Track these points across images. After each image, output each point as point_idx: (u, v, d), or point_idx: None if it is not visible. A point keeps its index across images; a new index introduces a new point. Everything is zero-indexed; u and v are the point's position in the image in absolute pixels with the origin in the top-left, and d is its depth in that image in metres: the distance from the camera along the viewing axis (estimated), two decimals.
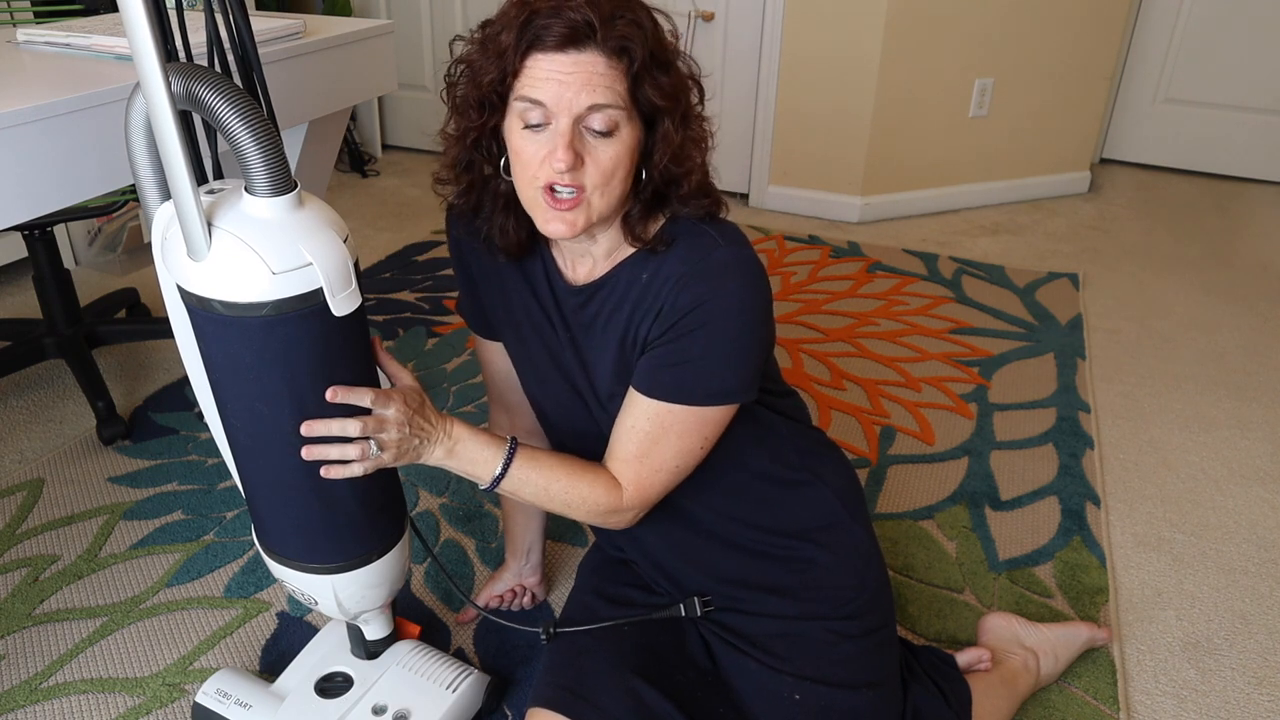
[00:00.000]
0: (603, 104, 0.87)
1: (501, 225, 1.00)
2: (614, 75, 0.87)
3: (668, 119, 0.91)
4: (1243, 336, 2.32)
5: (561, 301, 1.04)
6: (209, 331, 0.88)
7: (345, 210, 3.11)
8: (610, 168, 0.90)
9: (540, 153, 0.89)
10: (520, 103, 0.88)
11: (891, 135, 2.94)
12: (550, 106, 0.86)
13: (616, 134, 0.89)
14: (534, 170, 0.90)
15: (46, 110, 1.04)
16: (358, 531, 1.02)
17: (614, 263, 1.00)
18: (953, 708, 1.15)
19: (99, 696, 1.28)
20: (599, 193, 0.91)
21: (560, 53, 0.86)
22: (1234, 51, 3.28)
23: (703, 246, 0.95)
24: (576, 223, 0.91)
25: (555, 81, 0.86)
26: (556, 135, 0.87)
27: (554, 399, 1.11)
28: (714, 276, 0.94)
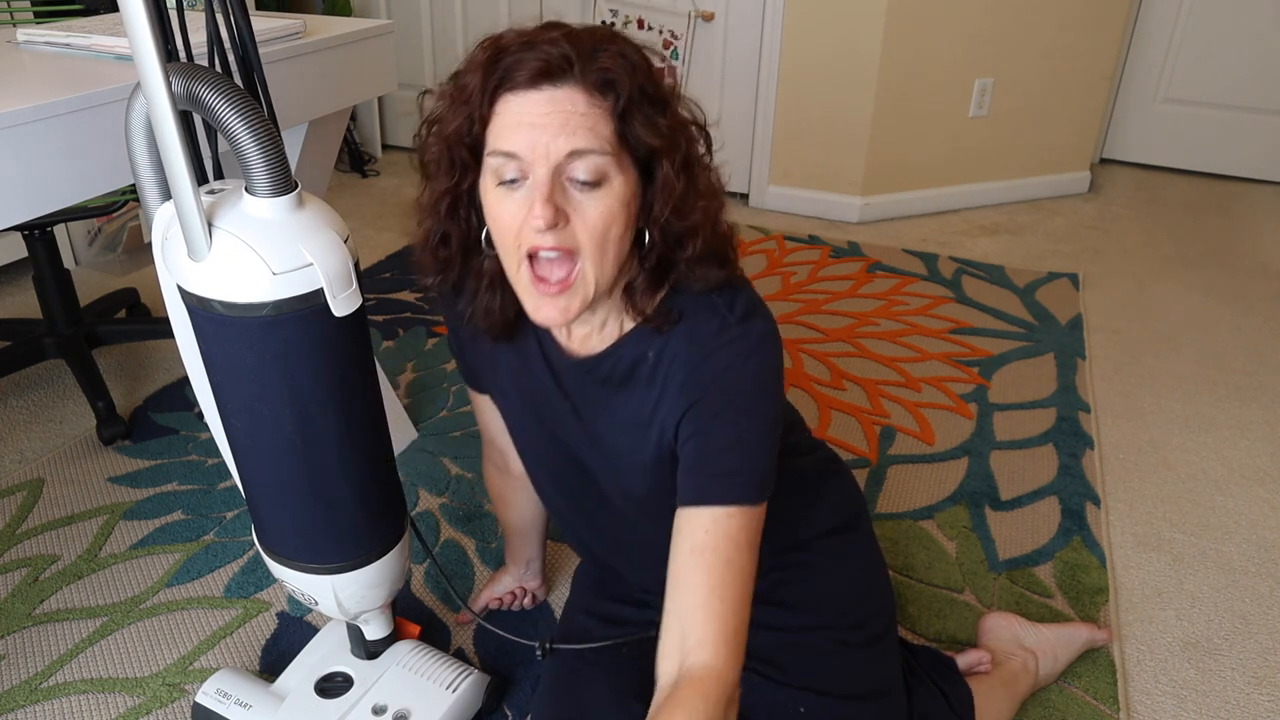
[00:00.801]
0: (584, 149, 0.74)
1: (487, 306, 0.90)
2: (597, 114, 0.75)
3: (666, 162, 0.78)
4: (1243, 337, 2.32)
5: (561, 374, 0.96)
6: (209, 332, 0.88)
7: (345, 210, 3.11)
8: (602, 225, 0.77)
9: (519, 213, 0.77)
10: (493, 158, 0.77)
11: (891, 135, 2.94)
12: (525, 156, 0.75)
13: (606, 184, 0.76)
14: (513, 236, 0.78)
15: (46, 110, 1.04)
16: (358, 532, 1.02)
17: (614, 335, 0.90)
18: (956, 711, 1.14)
19: (99, 696, 1.28)
20: (592, 261, 0.78)
21: (533, 90, 0.74)
22: (1234, 51, 3.28)
23: (711, 324, 0.85)
24: (570, 308, 0.80)
25: (527, 126, 0.74)
26: (534, 189, 0.75)
27: (548, 468, 1.08)
28: (721, 360, 0.84)
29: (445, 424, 1.90)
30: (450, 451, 1.81)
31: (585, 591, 1.22)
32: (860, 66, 2.84)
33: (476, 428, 1.87)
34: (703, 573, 0.81)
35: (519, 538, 1.36)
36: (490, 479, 1.31)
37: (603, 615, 1.15)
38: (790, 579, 1.08)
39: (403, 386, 2.04)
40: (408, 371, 2.10)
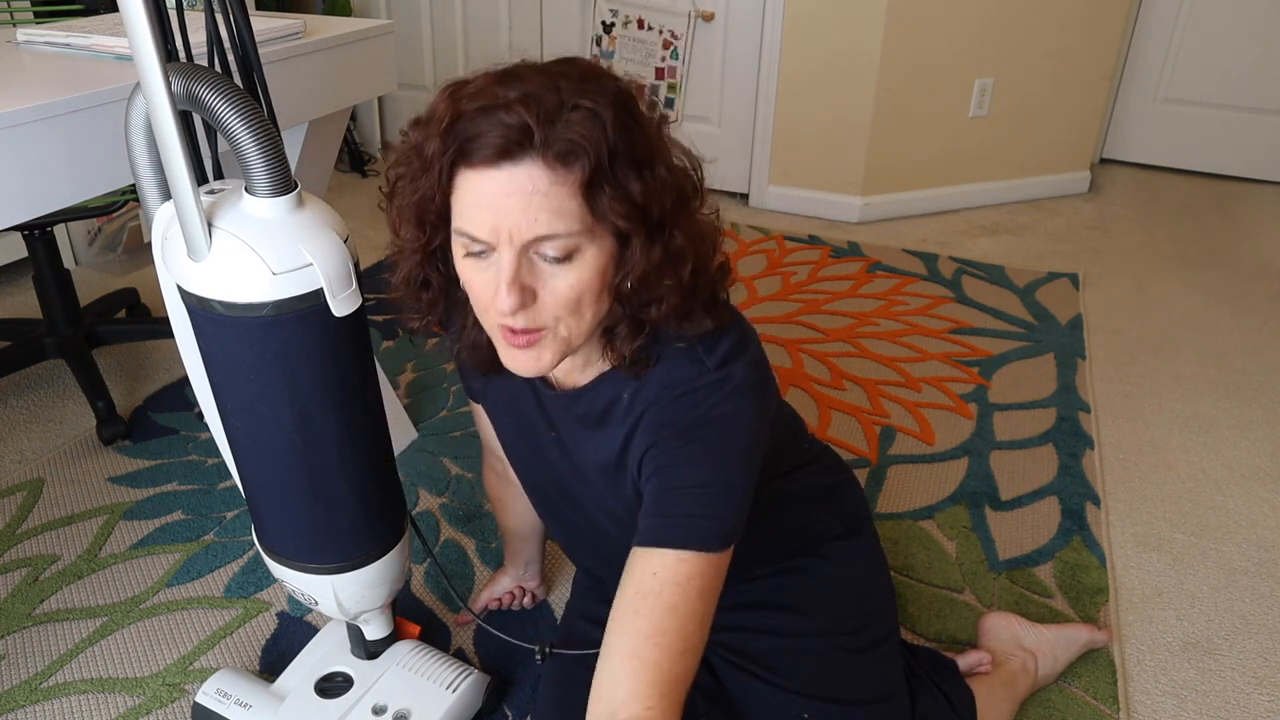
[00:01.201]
0: (548, 234, 0.70)
1: (474, 340, 0.88)
2: (562, 192, 0.70)
3: (635, 239, 0.74)
4: (1243, 336, 2.32)
5: (546, 403, 0.96)
6: (209, 332, 0.88)
7: (345, 210, 3.11)
8: (572, 297, 0.74)
9: (489, 284, 0.74)
10: (458, 235, 0.74)
11: (891, 135, 2.94)
12: (488, 240, 0.72)
13: (577, 257, 0.73)
14: (485, 305, 0.76)
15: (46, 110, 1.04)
16: (358, 532, 1.02)
17: (593, 374, 0.89)
18: (958, 713, 1.14)
19: (99, 696, 1.28)
20: (563, 324, 0.76)
21: (492, 169, 0.69)
22: (1234, 51, 3.28)
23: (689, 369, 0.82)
24: (543, 359, 0.78)
25: (487, 210, 0.70)
26: (499, 269, 0.72)
27: (538, 487, 1.09)
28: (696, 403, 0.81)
29: (445, 424, 1.90)
30: (450, 451, 1.81)
31: (584, 596, 1.22)
32: (860, 66, 2.84)
33: (476, 428, 1.87)
34: (643, 618, 0.76)
35: (518, 541, 1.36)
36: (489, 483, 1.31)
37: (601, 620, 1.15)
38: (793, 584, 1.07)
39: (403, 386, 2.04)
40: (408, 371, 2.10)
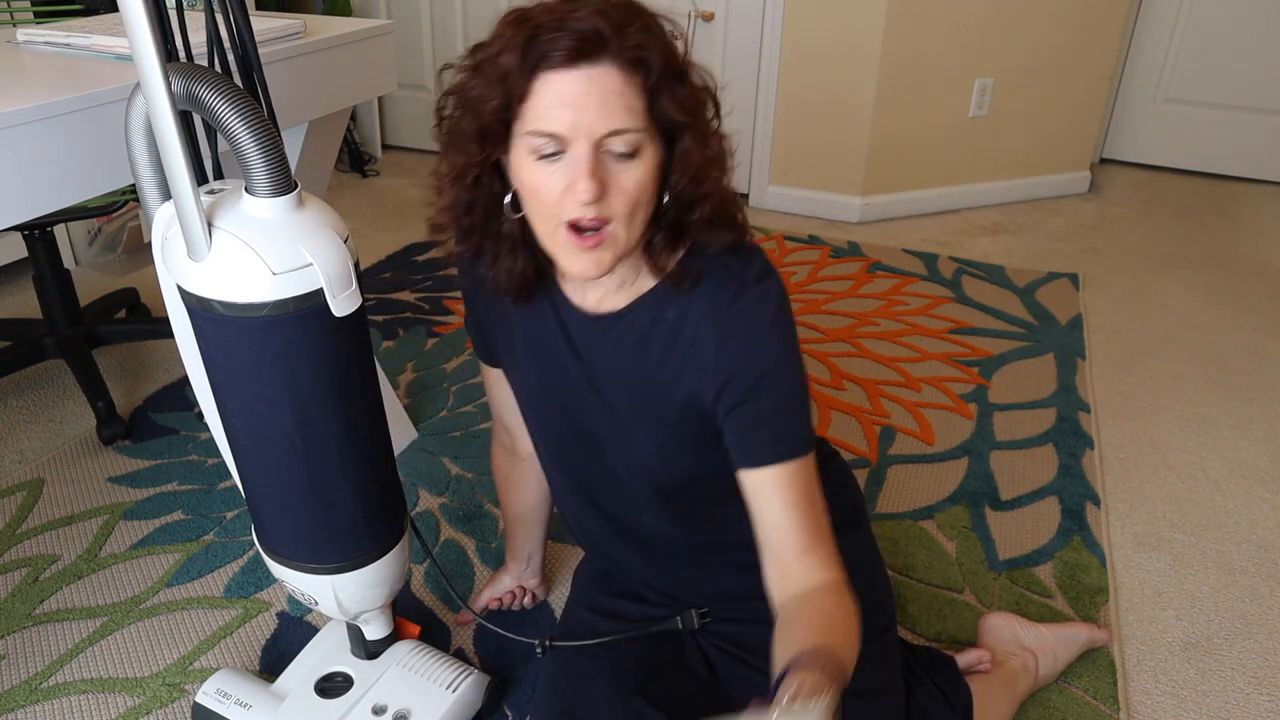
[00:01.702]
0: (622, 128, 0.78)
1: (509, 268, 0.92)
2: (632, 92, 0.78)
3: (688, 136, 0.82)
4: (1243, 336, 2.32)
5: (574, 333, 0.97)
6: (209, 332, 0.88)
7: (345, 210, 3.11)
8: (635, 194, 0.81)
9: (558, 185, 0.80)
10: (532, 138, 0.79)
11: (891, 135, 2.94)
12: (567, 135, 0.78)
13: (640, 156, 0.80)
14: (552, 206, 0.81)
15: (46, 110, 1.04)
16: (358, 532, 1.02)
17: (632, 295, 0.93)
18: (955, 710, 1.15)
19: (99, 696, 1.28)
20: (623, 224, 0.82)
21: (571, 69, 0.77)
22: (1234, 51, 3.28)
23: (730, 285, 0.88)
24: (603, 261, 0.83)
25: (569, 107, 0.77)
26: (576, 164, 0.78)
27: (557, 445, 1.08)
28: (748, 326, 0.88)
29: (445, 424, 1.90)
30: (450, 451, 1.81)
31: (586, 587, 1.22)
32: (860, 66, 2.84)
33: (476, 428, 1.87)
34: (798, 519, 0.90)
35: (521, 527, 1.35)
36: (497, 462, 1.30)
37: (604, 610, 1.16)
38: None
39: (403, 386, 2.04)
40: (408, 371, 2.10)
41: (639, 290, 0.93)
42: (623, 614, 1.15)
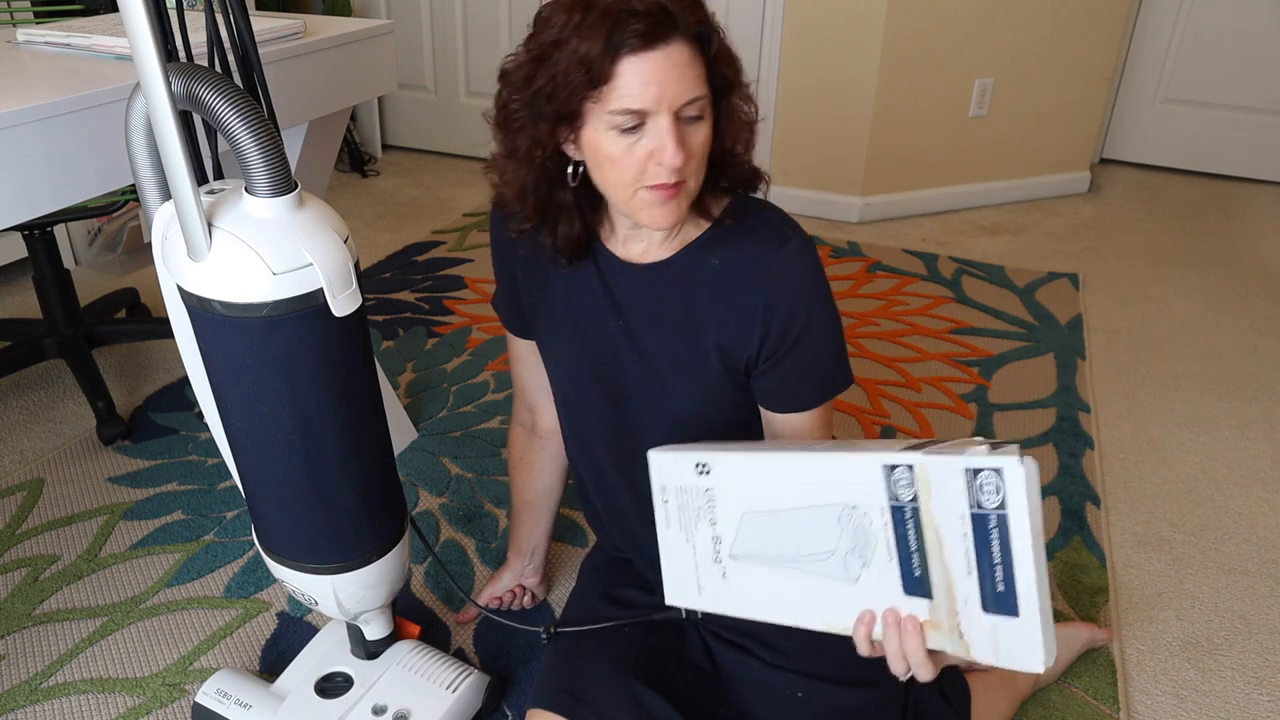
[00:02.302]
0: (696, 96, 0.86)
1: (566, 233, 0.98)
2: (699, 64, 0.87)
3: (735, 93, 0.91)
4: (1243, 336, 2.32)
5: (616, 287, 1.01)
6: (209, 332, 0.88)
7: (345, 210, 3.11)
8: (702, 151, 0.90)
9: (640, 155, 0.87)
10: (615, 116, 0.85)
11: (892, 135, 2.94)
12: (652, 110, 0.85)
13: (705, 117, 0.89)
14: (633, 174, 0.88)
15: (46, 110, 1.04)
16: (358, 532, 1.02)
17: (678, 245, 0.99)
18: (953, 706, 1.15)
19: (99, 696, 1.28)
20: (694, 177, 0.91)
21: (650, 50, 0.84)
22: (1234, 51, 3.28)
23: (773, 235, 0.96)
24: (682, 209, 0.91)
25: (652, 84, 0.84)
26: (662, 134, 0.85)
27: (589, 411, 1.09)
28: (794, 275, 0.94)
29: (445, 424, 1.90)
30: (450, 451, 1.81)
31: (594, 575, 1.23)
32: (860, 67, 2.84)
33: (476, 428, 1.87)
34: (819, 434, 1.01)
35: (531, 515, 1.34)
36: (514, 442, 1.30)
37: (611, 597, 1.17)
38: None
39: (403, 386, 2.04)
40: (408, 371, 2.10)
41: (684, 240, 0.99)
42: (630, 601, 1.16)
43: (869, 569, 0.76)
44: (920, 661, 0.74)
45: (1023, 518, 0.65)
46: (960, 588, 0.70)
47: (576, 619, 1.15)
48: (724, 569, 0.86)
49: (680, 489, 0.88)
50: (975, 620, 0.70)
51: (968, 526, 0.68)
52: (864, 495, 0.74)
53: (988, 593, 0.69)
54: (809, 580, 0.80)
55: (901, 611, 0.74)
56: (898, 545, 0.73)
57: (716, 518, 0.86)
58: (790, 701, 1.03)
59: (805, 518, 0.79)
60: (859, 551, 0.76)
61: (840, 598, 0.78)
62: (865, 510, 0.75)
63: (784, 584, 0.82)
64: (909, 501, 0.72)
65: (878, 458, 0.73)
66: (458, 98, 3.56)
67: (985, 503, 0.67)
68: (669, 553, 0.91)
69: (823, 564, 0.79)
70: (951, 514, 0.69)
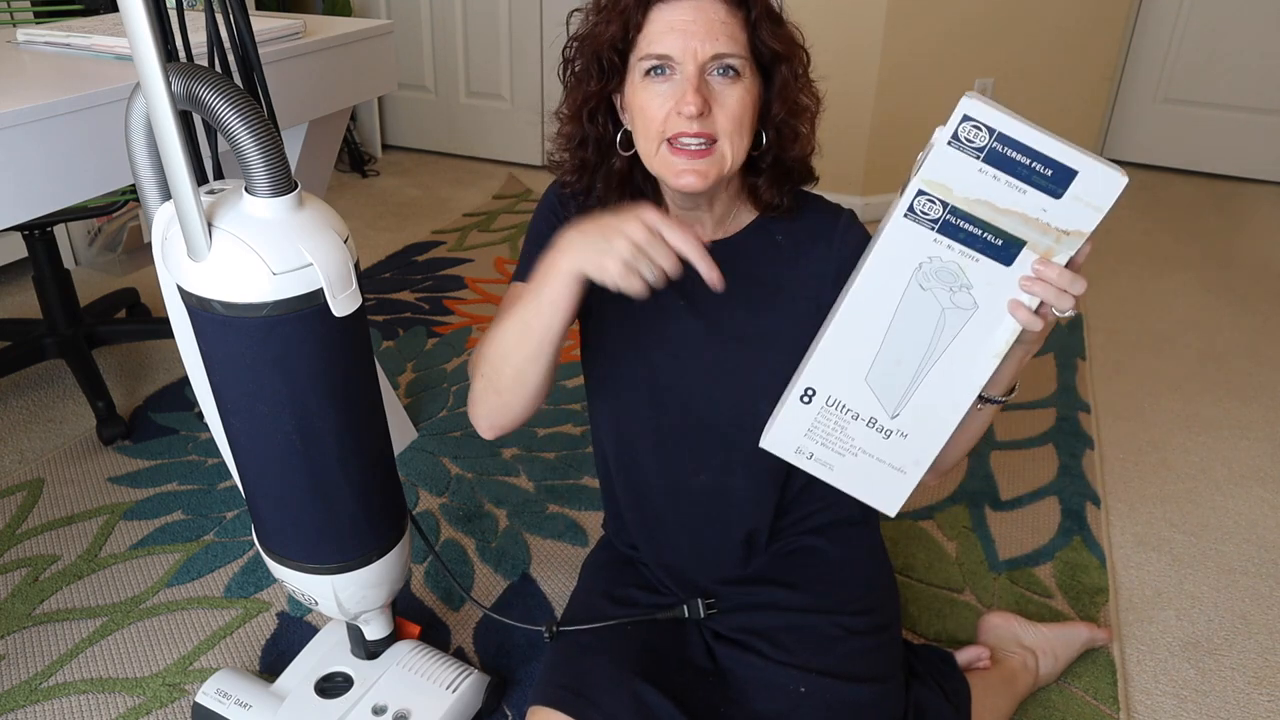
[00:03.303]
0: (726, 53, 0.87)
1: (616, 204, 0.98)
2: (735, 24, 0.87)
3: (785, 67, 0.91)
4: (1243, 336, 2.32)
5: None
6: (209, 332, 0.88)
7: (345, 210, 3.11)
8: (739, 112, 0.89)
9: (665, 104, 0.88)
10: (644, 61, 0.88)
11: (892, 135, 2.94)
12: (676, 57, 0.86)
13: (741, 79, 0.88)
14: (659, 124, 0.88)
15: (46, 110, 1.04)
16: (358, 532, 1.02)
17: (733, 228, 1.01)
18: (953, 704, 1.15)
19: (99, 696, 1.28)
20: (729, 140, 0.89)
21: (681, 1, 0.86)
22: (1234, 51, 3.28)
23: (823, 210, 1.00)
24: (709, 173, 0.89)
25: (678, 32, 0.86)
26: (683, 82, 0.86)
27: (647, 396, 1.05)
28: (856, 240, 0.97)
29: (445, 424, 1.90)
30: (450, 451, 1.81)
31: (597, 574, 1.23)
32: (860, 67, 2.84)
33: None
34: None
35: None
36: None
37: (613, 596, 1.17)
38: (800, 562, 1.09)
39: (403, 386, 2.04)
40: (408, 371, 2.10)
41: (740, 224, 1.01)
42: (633, 600, 1.16)
43: (974, 288, 0.80)
44: (1069, 279, 0.78)
45: (1012, 123, 0.73)
46: (1029, 207, 0.76)
47: (579, 617, 1.15)
48: (900, 431, 0.88)
49: (809, 430, 0.89)
50: (1060, 210, 0.77)
51: (990, 170, 0.75)
52: (915, 250, 0.79)
53: (1044, 187, 0.76)
54: (952, 349, 0.84)
55: (1025, 273, 0.79)
56: (970, 244, 0.79)
57: (855, 410, 0.88)
58: (792, 697, 1.03)
59: (901, 321, 0.83)
60: (955, 285, 0.81)
61: (981, 330, 0.82)
62: (928, 255, 0.80)
63: (945, 376, 0.85)
64: (944, 212, 0.77)
65: (895, 219, 0.78)
66: (458, 98, 3.56)
67: (981, 141, 0.74)
68: (854, 482, 0.91)
69: (946, 327, 0.83)
70: (972, 176, 0.75)
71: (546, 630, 1.12)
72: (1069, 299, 0.79)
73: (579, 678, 1.03)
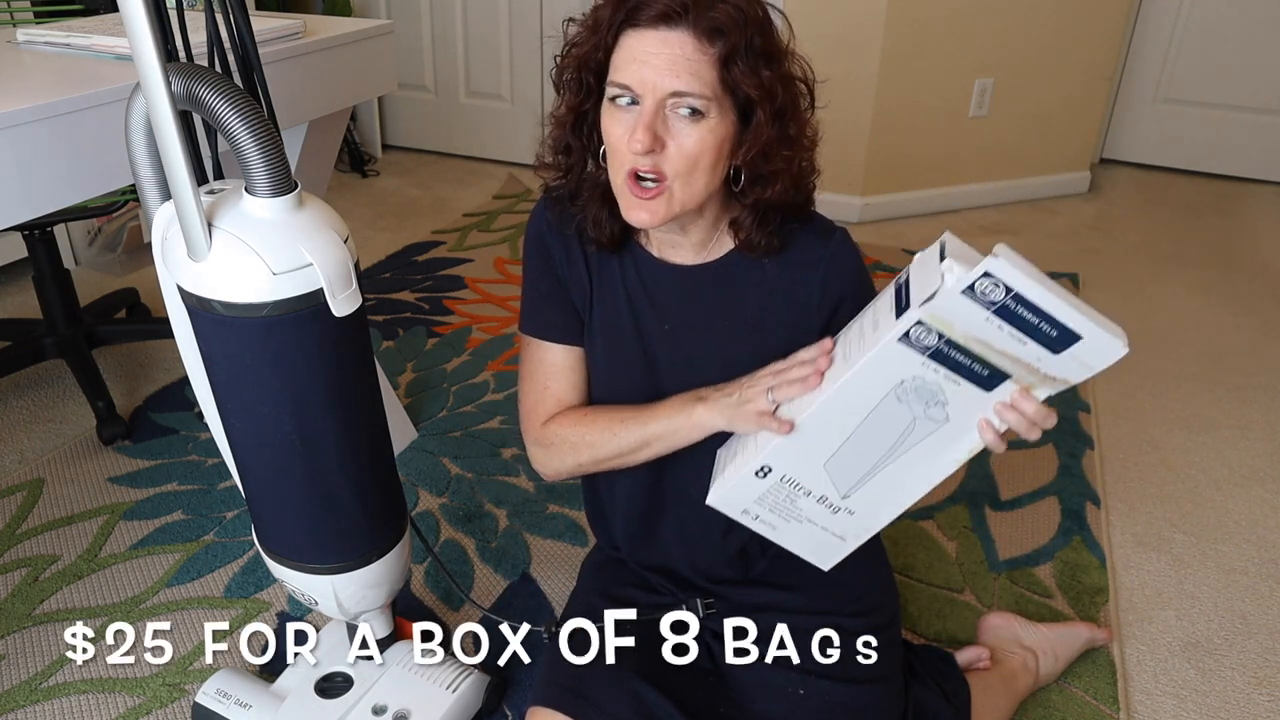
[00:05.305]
0: (685, 91, 0.85)
1: (595, 216, 0.98)
2: (703, 61, 0.85)
3: (760, 111, 0.88)
4: (1243, 336, 2.32)
5: (655, 291, 1.02)
6: (209, 332, 0.88)
7: (345, 210, 3.10)
8: (694, 153, 0.87)
9: (625, 132, 0.87)
10: (612, 87, 0.88)
11: (892, 135, 2.94)
12: (636, 89, 0.86)
13: (703, 120, 0.86)
14: (621, 153, 0.88)
15: (46, 110, 1.04)
16: (358, 532, 1.02)
17: (718, 251, 1.00)
18: (952, 704, 1.15)
19: (99, 696, 1.28)
20: (680, 181, 0.88)
21: (650, 30, 0.85)
22: (1234, 51, 3.28)
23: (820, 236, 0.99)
24: (658, 212, 0.90)
25: (640, 64, 0.85)
26: (639, 115, 0.86)
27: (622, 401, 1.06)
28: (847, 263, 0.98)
29: (445, 424, 1.90)
30: (450, 451, 1.81)
31: (594, 575, 1.23)
32: (860, 66, 2.84)
33: (476, 428, 1.87)
34: None
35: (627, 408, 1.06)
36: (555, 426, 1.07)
37: (612, 596, 1.16)
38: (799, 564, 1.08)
39: (403, 386, 2.04)
40: (408, 371, 2.10)
41: (722, 249, 1.00)
42: (631, 600, 1.15)
43: (950, 404, 0.82)
44: (1044, 414, 0.81)
45: (1030, 285, 0.72)
46: (1026, 355, 0.77)
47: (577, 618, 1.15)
48: (848, 509, 0.91)
49: (759, 499, 0.91)
50: (1054, 363, 0.78)
51: (996, 320, 0.75)
52: (901, 369, 0.79)
53: (1046, 343, 0.76)
54: (914, 451, 0.85)
55: (1002, 399, 0.81)
56: (957, 372, 0.79)
57: (807, 488, 0.89)
58: (792, 698, 1.03)
59: (872, 422, 0.83)
60: (932, 402, 0.82)
61: (947, 439, 0.84)
62: (912, 375, 0.80)
63: (900, 472, 0.87)
64: (939, 342, 0.77)
65: (887, 341, 0.77)
66: (458, 98, 3.56)
67: (995, 297, 0.73)
68: (794, 543, 0.94)
69: (913, 433, 0.84)
70: (977, 323, 0.75)
71: (546, 630, 1.12)
72: (1038, 431, 0.82)
73: (578, 677, 1.03)
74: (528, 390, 1.09)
